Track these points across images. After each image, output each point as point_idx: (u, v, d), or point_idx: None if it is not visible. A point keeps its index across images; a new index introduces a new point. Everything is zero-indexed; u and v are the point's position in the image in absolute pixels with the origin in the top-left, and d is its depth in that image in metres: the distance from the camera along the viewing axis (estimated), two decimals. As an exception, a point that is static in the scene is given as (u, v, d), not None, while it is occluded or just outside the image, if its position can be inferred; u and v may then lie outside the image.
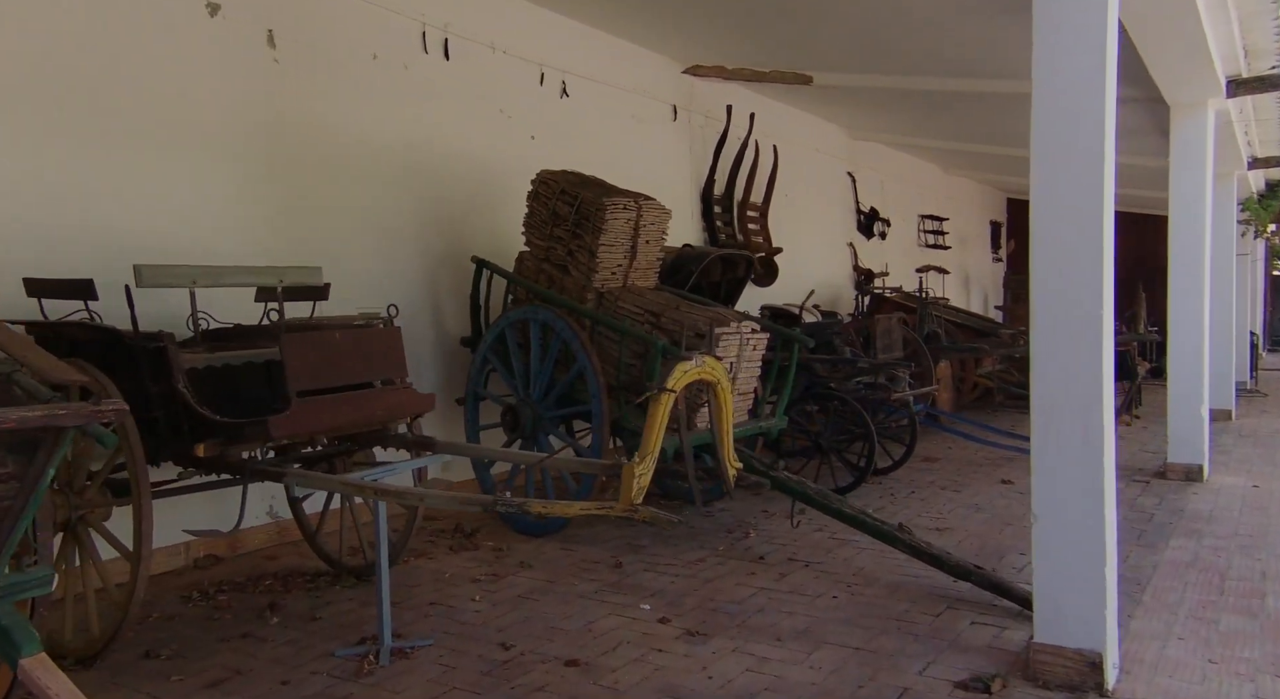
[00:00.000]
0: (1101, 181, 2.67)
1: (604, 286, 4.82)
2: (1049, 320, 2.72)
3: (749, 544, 4.53)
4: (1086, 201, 2.68)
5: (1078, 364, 2.68)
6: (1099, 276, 2.65)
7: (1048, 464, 2.75)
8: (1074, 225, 2.69)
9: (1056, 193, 2.72)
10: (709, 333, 4.35)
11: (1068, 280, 2.69)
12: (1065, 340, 2.69)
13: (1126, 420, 9.03)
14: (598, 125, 6.80)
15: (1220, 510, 5.17)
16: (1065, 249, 2.70)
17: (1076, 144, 2.69)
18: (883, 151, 11.64)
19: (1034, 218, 2.76)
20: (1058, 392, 2.71)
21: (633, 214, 4.71)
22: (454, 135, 5.58)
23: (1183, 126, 5.71)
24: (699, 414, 4.27)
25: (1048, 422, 2.73)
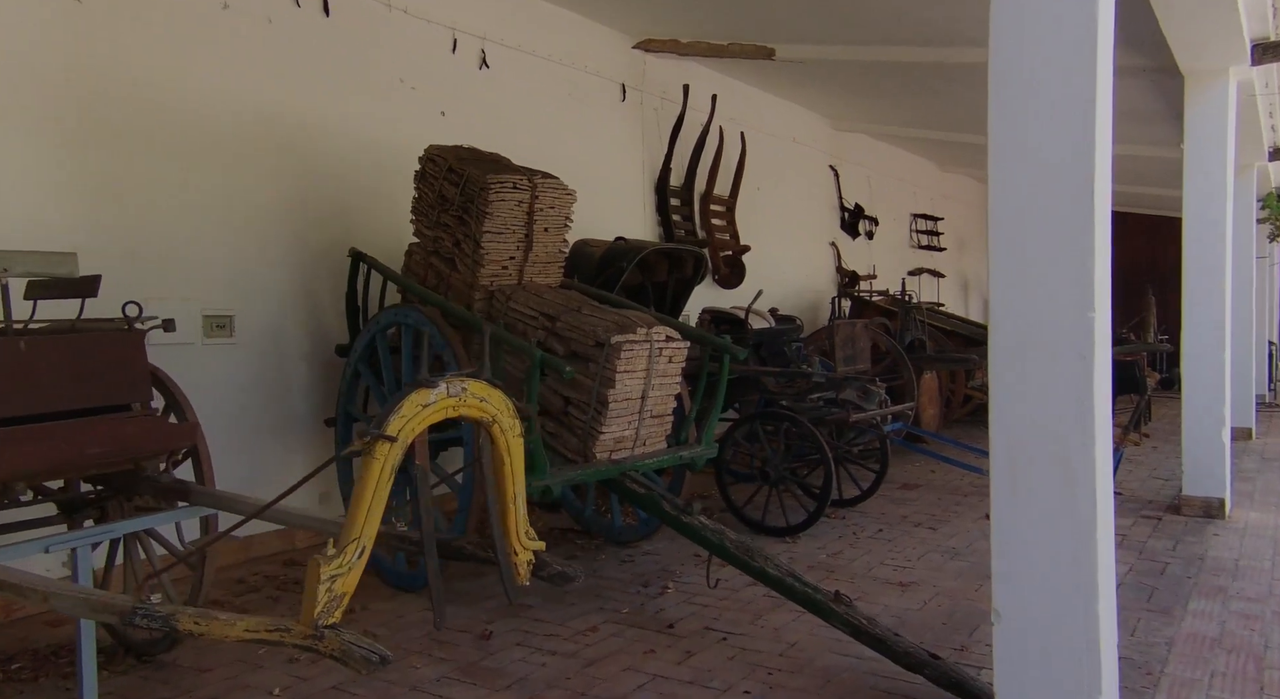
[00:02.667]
0: (1093, 142, 1.81)
1: (493, 284, 3.97)
2: (1013, 326, 1.86)
3: (662, 605, 3.65)
4: (1071, 174, 1.82)
5: (1057, 386, 1.81)
6: (1089, 273, 1.79)
7: (1012, 533, 1.89)
8: (1053, 207, 1.84)
9: (1024, 160, 1.86)
10: (606, 342, 3.49)
11: (1042, 274, 1.82)
12: (1039, 355, 1.83)
13: (1135, 439, 8.11)
14: (528, 103, 5.96)
15: (1248, 559, 4.27)
16: (1039, 233, 1.84)
17: (1054, 108, 1.84)
18: (869, 144, 10.77)
19: (993, 196, 1.90)
20: (1025, 425, 1.85)
21: (525, 195, 3.86)
22: (337, 108, 4.75)
23: (1200, 100, 4.83)
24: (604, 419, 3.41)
25: (1011, 468, 1.87)
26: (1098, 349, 1.78)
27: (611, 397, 3.52)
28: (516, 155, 5.80)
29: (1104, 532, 1.83)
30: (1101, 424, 1.81)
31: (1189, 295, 4.98)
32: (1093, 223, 1.76)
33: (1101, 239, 1.80)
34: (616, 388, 3.52)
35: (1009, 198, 1.84)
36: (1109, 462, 1.86)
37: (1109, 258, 1.84)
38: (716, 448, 4.02)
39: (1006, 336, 1.84)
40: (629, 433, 3.67)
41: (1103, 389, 1.81)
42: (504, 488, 2.17)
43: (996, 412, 1.87)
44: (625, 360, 3.52)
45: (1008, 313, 1.83)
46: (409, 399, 1.86)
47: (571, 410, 3.65)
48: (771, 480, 4.74)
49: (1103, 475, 1.82)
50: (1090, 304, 1.75)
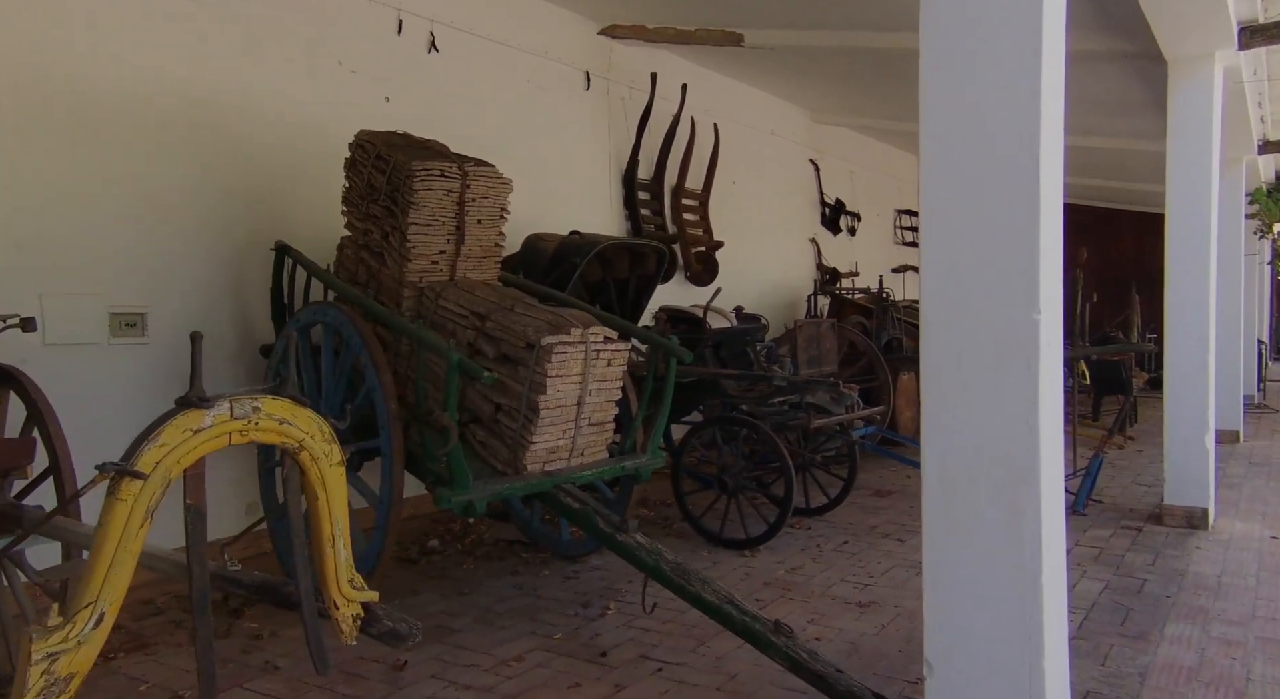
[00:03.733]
0: (1038, 125, 1.54)
1: (423, 280, 3.68)
2: (949, 331, 1.58)
3: (600, 629, 3.37)
4: (1015, 159, 1.55)
5: (999, 400, 1.54)
6: (1033, 269, 1.51)
7: (947, 575, 1.62)
8: (993, 195, 1.56)
9: (961, 141, 1.58)
10: (537, 344, 3.21)
11: (980, 271, 1.55)
12: (978, 364, 1.56)
13: (1119, 442, 7.88)
14: (482, 91, 5.66)
15: (1231, 575, 4.02)
16: (978, 224, 1.56)
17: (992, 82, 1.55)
18: (851, 138, 10.50)
19: (924, 182, 1.63)
20: (962, 446, 1.57)
21: (454, 184, 3.57)
22: (269, 91, 4.43)
23: (1184, 87, 4.57)
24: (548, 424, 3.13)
25: (946, 498, 1.60)
26: (1045, 357, 1.51)
27: (543, 403, 3.24)
28: (469, 146, 5.48)
29: (1053, 574, 1.56)
30: (1051, 445, 1.54)
31: (1172, 294, 4.73)
32: (1038, 213, 1.49)
33: (1050, 232, 1.53)
34: (548, 394, 3.23)
35: (943, 183, 1.57)
36: (1059, 489, 1.59)
37: (1059, 253, 1.57)
38: (664, 457, 3.74)
39: (940, 343, 1.57)
40: (564, 442, 3.39)
41: (1052, 404, 1.54)
42: (319, 529, 1.87)
43: (928, 431, 1.60)
44: (558, 363, 3.23)
45: (942, 315, 1.57)
46: (172, 424, 1.56)
47: (502, 417, 3.37)
48: (730, 489, 4.47)
49: (1053, 507, 1.55)
50: (1035, 305, 1.48)
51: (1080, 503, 5.23)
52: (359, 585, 1.92)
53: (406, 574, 4.08)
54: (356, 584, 1.91)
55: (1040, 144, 1.49)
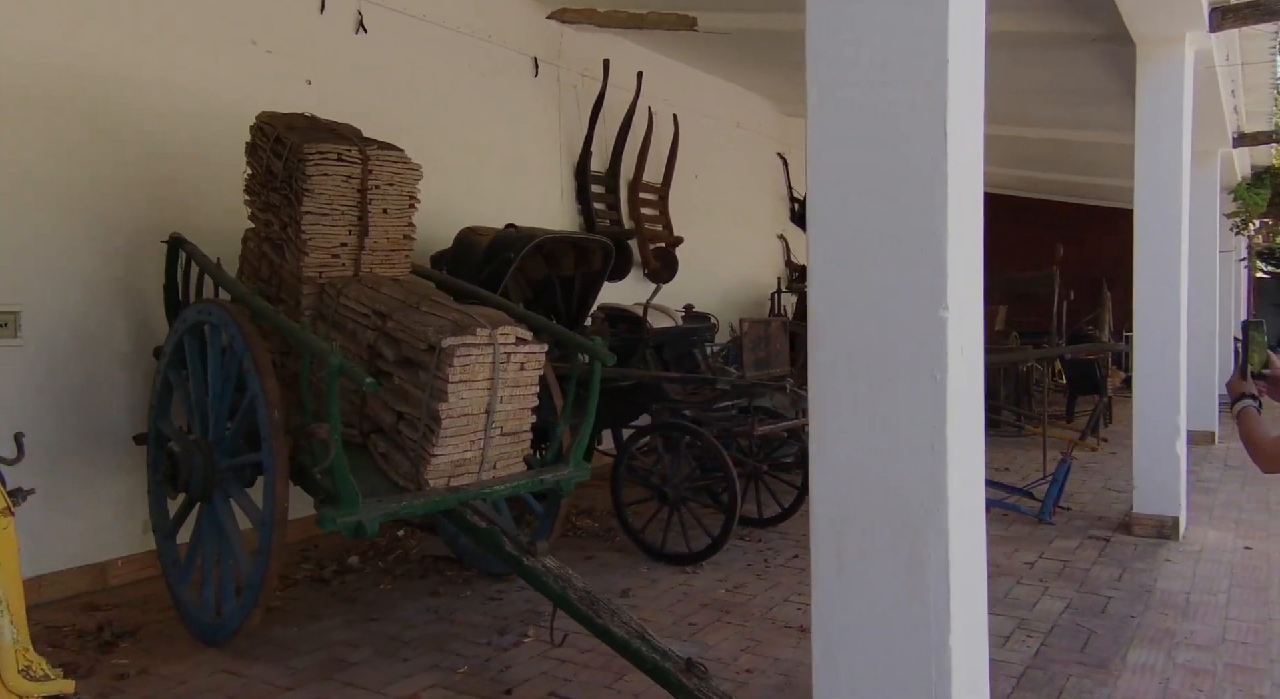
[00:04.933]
0: (945, 87, 1.24)
1: (323, 275, 3.35)
2: (839, 333, 1.28)
3: (511, 660, 3.06)
4: (914, 122, 1.25)
5: (899, 419, 1.25)
6: (939, 256, 1.22)
7: (838, 633, 1.32)
8: (889, 165, 1.26)
9: (850, 101, 1.27)
10: (436, 346, 2.89)
11: (876, 258, 1.25)
12: (873, 374, 1.26)
13: (1092, 444, 7.66)
14: (417, 76, 5.32)
15: (1201, 592, 3.76)
16: (872, 202, 1.26)
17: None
18: (822, 132, 10.23)
19: (812, 148, 1.33)
20: (855, 475, 1.28)
21: (354, 170, 3.24)
22: (170, 69, 4.07)
23: (1152, 72, 4.31)
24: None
25: (837, 539, 1.30)
26: (958, 366, 1.22)
27: (445, 412, 2.92)
28: (402, 135, 5.12)
29: (966, 636, 1.26)
30: (964, 476, 1.25)
31: (1140, 292, 4.47)
32: (945, 188, 1.20)
33: (963, 212, 1.24)
34: (450, 401, 2.91)
35: (831, 152, 1.28)
36: (975, 530, 1.30)
37: (977, 239, 1.28)
38: (588, 469, 3.43)
39: (829, 349, 1.28)
40: (472, 455, 3.07)
41: (966, 425, 1.25)
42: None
43: (816, 458, 1.31)
44: (461, 367, 2.91)
45: (831, 315, 1.27)
46: None
47: (403, 428, 3.05)
48: (670, 501, 4.16)
49: (967, 553, 1.25)
50: (942, 299, 1.19)
51: (1046, 511, 4.98)
52: (39, 674, 1.47)
53: (316, 596, 3.75)
54: (36, 673, 1.46)
55: (948, 107, 1.20)
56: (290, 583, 3.90)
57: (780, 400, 5.26)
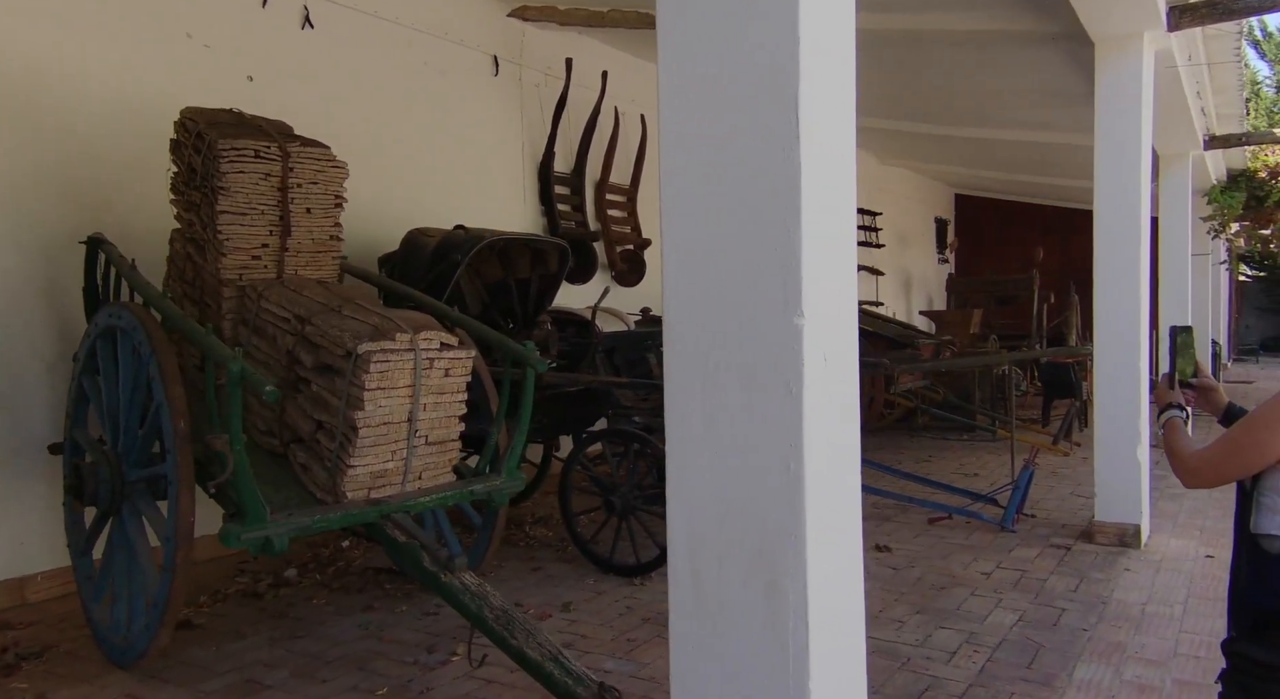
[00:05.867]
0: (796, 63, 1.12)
1: (243, 277, 3.21)
2: (691, 341, 1.16)
3: (434, 681, 2.92)
4: (767, 98, 1.12)
5: (753, 437, 1.13)
6: (793, 256, 1.10)
7: (695, 676, 1.19)
8: (742, 154, 1.14)
9: (703, 82, 1.16)
10: (353, 352, 2.75)
11: (726, 259, 1.13)
12: (727, 386, 1.14)
13: (1065, 449, 7.59)
14: (368, 73, 5.18)
15: (1158, 602, 3.67)
16: (723, 195, 1.14)
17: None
18: (798, 134, 10.15)
19: (664, 137, 1.21)
20: (709, 500, 1.16)
21: (274, 167, 3.11)
22: (97, 63, 3.92)
23: (1111, 71, 4.23)
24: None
25: (693, 571, 1.18)
26: (816, 378, 1.10)
27: (362, 421, 2.78)
28: (353, 135, 5.02)
29: (834, 681, 1.13)
30: (830, 500, 1.13)
31: (1100, 296, 4.39)
32: (798, 179, 1.08)
33: (824, 207, 1.13)
34: (367, 409, 2.78)
35: (680, 140, 1.16)
36: (850, 560, 1.18)
37: (847, 236, 1.17)
38: (523, 480, 3.30)
39: (682, 359, 1.16)
40: (393, 465, 2.94)
41: (830, 444, 1.13)
42: None
43: (671, 481, 1.19)
44: (379, 374, 2.78)
45: (683, 322, 1.15)
46: None
47: (321, 437, 2.91)
48: (618, 511, 4.04)
49: (835, 587, 1.13)
50: (797, 305, 1.07)
51: (1009, 519, 4.88)
52: None
53: (245, 612, 3.60)
54: None
55: (799, 94, 1.08)
56: (220, 598, 3.75)
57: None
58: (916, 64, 6.15)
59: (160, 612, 2.73)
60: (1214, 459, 1.59)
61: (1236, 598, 1.59)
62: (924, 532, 4.92)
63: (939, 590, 3.85)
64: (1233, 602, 1.60)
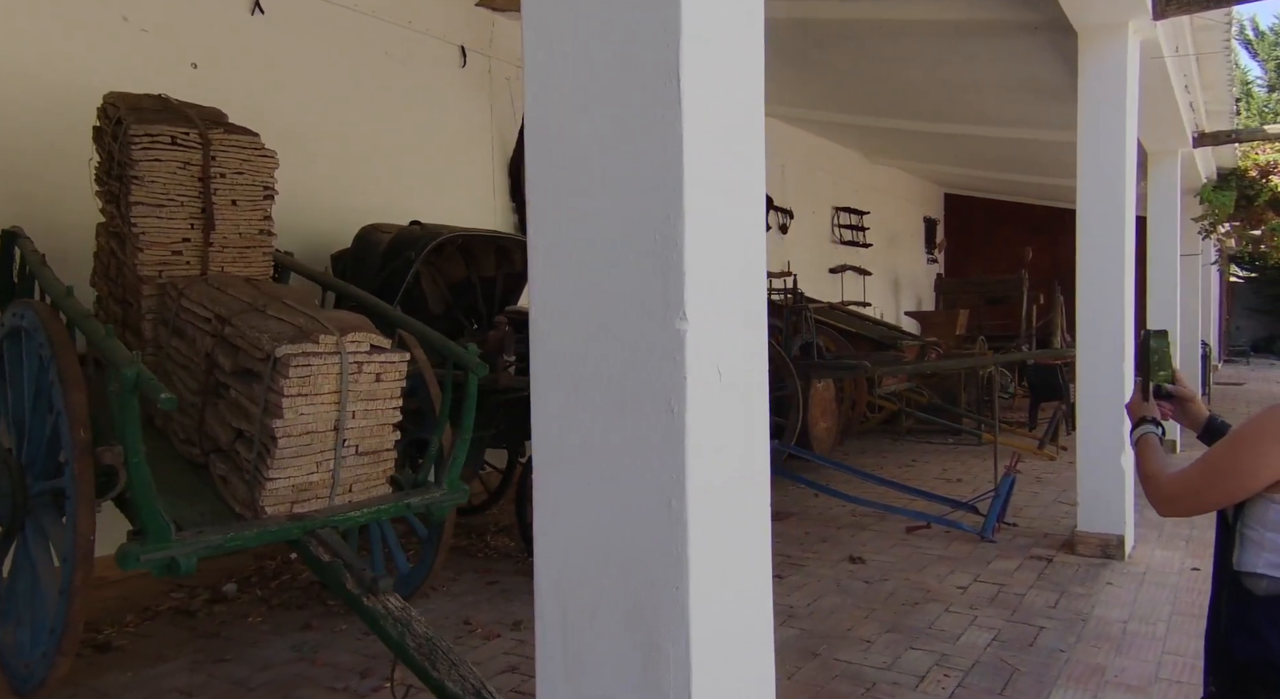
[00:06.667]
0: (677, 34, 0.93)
1: (163, 274, 3.00)
2: (558, 350, 0.96)
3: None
4: (645, 77, 0.92)
5: (627, 467, 0.92)
6: (675, 250, 0.90)
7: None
8: (615, 150, 0.94)
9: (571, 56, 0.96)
10: (271, 355, 2.54)
11: (599, 257, 0.93)
12: (598, 405, 0.94)
13: (1051, 453, 7.42)
14: (324, 63, 4.96)
15: (1140, 621, 3.48)
16: (593, 186, 0.94)
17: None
18: (782, 130, 9.95)
19: (529, 125, 1.01)
20: (579, 544, 0.95)
21: (193, 155, 2.90)
22: (18, 46, 3.70)
23: (1094, 60, 4.04)
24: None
25: (562, 623, 0.98)
26: (705, 395, 0.90)
27: (281, 430, 2.57)
28: (308, 127, 4.81)
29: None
30: (724, 542, 0.93)
31: (1083, 296, 4.20)
32: (679, 153, 0.88)
33: (716, 185, 0.93)
34: (287, 418, 2.57)
35: (547, 114, 0.96)
36: (759, 621, 0.97)
37: (755, 228, 0.97)
38: (466, 491, 3.09)
39: (551, 374, 0.97)
40: (319, 477, 2.72)
41: (731, 471, 0.93)
42: None
43: (539, 517, 0.99)
44: (299, 380, 2.57)
45: (552, 329, 0.96)
46: None
47: (239, 447, 2.70)
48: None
49: (726, 650, 0.93)
50: (679, 307, 0.87)
51: (989, 528, 4.69)
52: None
53: (173, 632, 3.38)
54: None
55: (680, 61, 0.88)
56: (150, 616, 3.53)
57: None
58: (893, 56, 5.97)
59: (57, 639, 2.51)
60: (1191, 484, 1.39)
61: (1216, 646, 1.39)
62: (901, 541, 4.73)
63: (912, 606, 3.66)
64: (1211, 650, 1.41)
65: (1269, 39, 25.45)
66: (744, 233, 0.98)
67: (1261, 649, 1.29)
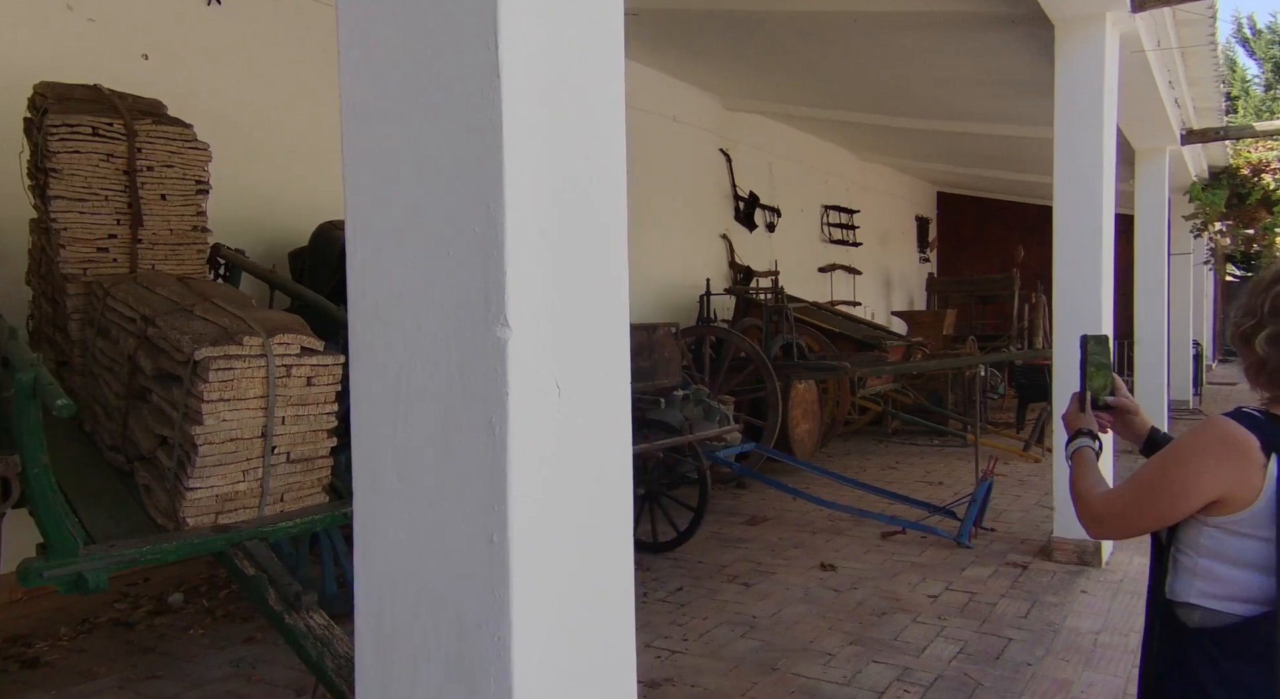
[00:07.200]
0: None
1: (89, 272, 2.87)
2: (378, 384, 0.85)
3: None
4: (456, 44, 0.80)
5: (444, 495, 0.80)
6: (496, 245, 0.78)
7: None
8: (430, 135, 0.82)
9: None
10: (190, 358, 2.42)
11: (419, 276, 0.81)
12: (415, 423, 0.81)
13: (1037, 456, 7.31)
14: (282, 54, 4.83)
15: (1112, 632, 3.36)
16: (411, 192, 0.82)
17: None
18: (769, 126, 9.83)
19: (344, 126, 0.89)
20: (400, 597, 0.83)
21: (116, 146, 2.77)
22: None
23: (1071, 53, 3.92)
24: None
25: (383, 687, 0.85)
26: (534, 412, 0.78)
27: (201, 436, 2.44)
28: (267, 121, 4.68)
29: None
30: (560, 589, 0.80)
31: (1060, 297, 4.08)
32: (499, 147, 0.76)
33: (545, 164, 0.81)
34: (207, 424, 2.44)
35: (363, 89, 0.84)
36: (622, 674, 0.85)
37: (614, 215, 0.85)
38: (407, 499, 2.97)
39: (369, 386, 0.85)
40: (246, 486, 2.60)
41: (571, 501, 0.81)
42: None
43: (358, 545, 0.87)
44: (220, 384, 2.44)
45: (370, 336, 0.84)
46: None
47: (161, 454, 2.58)
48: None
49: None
50: (500, 311, 0.75)
51: (964, 533, 4.58)
52: None
53: (109, 646, 3.26)
54: None
55: (499, 24, 0.76)
56: (88, 628, 3.41)
57: (691, 413, 4.84)
58: (871, 50, 5.84)
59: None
60: (1121, 504, 1.27)
61: (1148, 687, 1.27)
62: (875, 547, 4.62)
63: (879, 616, 3.54)
64: (1144, 691, 1.28)
65: (1266, 37, 25.34)
66: (597, 226, 0.85)
67: (1195, 691, 1.18)
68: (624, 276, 0.92)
